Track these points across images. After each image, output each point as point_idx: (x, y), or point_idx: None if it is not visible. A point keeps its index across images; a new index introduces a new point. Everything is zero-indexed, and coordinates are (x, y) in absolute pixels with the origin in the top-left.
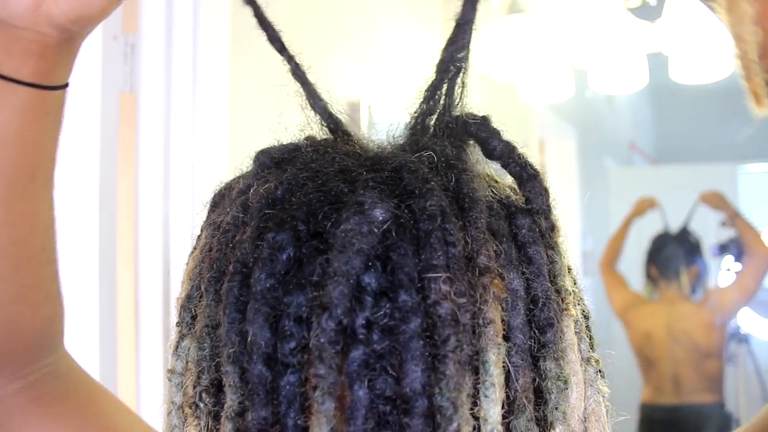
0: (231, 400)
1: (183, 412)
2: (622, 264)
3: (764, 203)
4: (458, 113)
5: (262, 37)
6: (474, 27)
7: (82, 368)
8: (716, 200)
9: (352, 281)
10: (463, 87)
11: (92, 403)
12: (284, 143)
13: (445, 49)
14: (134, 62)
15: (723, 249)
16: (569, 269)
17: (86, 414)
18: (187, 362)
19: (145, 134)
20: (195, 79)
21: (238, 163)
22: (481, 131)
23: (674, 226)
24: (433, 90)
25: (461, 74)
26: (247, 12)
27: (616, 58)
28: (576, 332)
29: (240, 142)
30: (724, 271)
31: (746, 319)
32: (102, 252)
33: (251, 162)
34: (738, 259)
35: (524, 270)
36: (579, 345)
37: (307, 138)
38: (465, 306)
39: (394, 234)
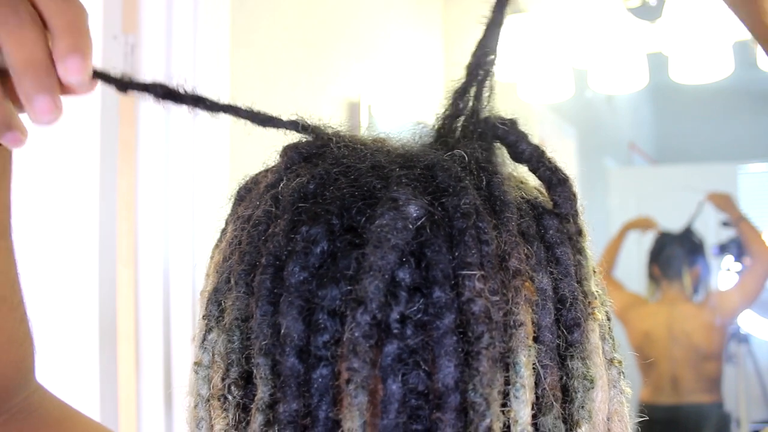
0: (262, 392)
1: (210, 404)
2: (623, 264)
3: (764, 203)
4: (486, 116)
5: (262, 36)
6: (501, 30)
7: (56, 398)
8: (723, 201)
9: (387, 276)
10: (491, 90)
11: None
12: (312, 138)
13: (474, 54)
14: (134, 62)
15: (723, 249)
16: (594, 272)
17: None
18: (214, 354)
19: (145, 134)
20: (195, 79)
21: (241, 161)
22: (509, 134)
23: (674, 226)
24: (461, 93)
25: (489, 78)
26: (247, 12)
27: (616, 58)
28: (600, 335)
29: (240, 141)
30: (724, 271)
31: (746, 319)
32: (102, 252)
33: (278, 156)
34: (738, 259)
35: (552, 270)
36: (603, 347)
37: (334, 133)
38: (498, 303)
39: (428, 230)
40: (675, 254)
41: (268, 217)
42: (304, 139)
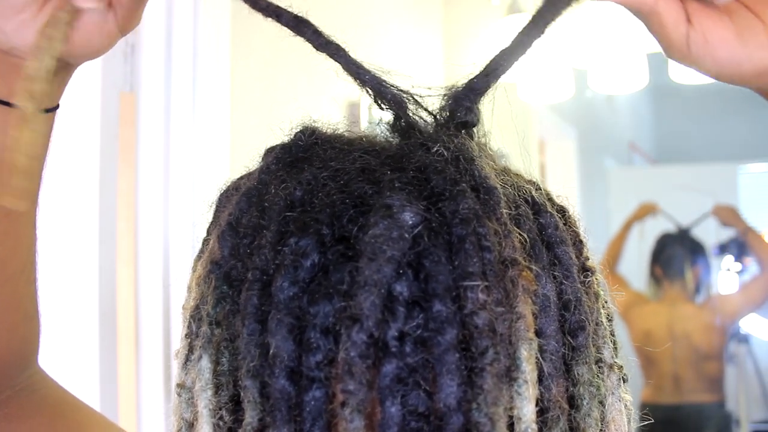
0: (250, 416)
1: (193, 428)
2: (625, 263)
3: (764, 203)
4: (445, 99)
5: (262, 36)
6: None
7: (56, 382)
8: (729, 215)
9: (383, 291)
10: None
11: (64, 418)
12: (293, 139)
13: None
14: (134, 62)
15: (723, 249)
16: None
17: (57, 429)
18: (197, 376)
19: (145, 134)
20: (195, 79)
21: (241, 161)
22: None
23: (675, 227)
24: (380, 97)
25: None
26: (248, 11)
27: (616, 58)
28: (602, 338)
29: (240, 141)
30: (724, 271)
31: (747, 320)
32: (102, 252)
33: (260, 159)
34: (738, 259)
35: (555, 274)
36: (603, 351)
37: (304, 130)
38: (503, 315)
39: (425, 239)
40: (676, 254)
41: (254, 228)
42: (288, 141)
